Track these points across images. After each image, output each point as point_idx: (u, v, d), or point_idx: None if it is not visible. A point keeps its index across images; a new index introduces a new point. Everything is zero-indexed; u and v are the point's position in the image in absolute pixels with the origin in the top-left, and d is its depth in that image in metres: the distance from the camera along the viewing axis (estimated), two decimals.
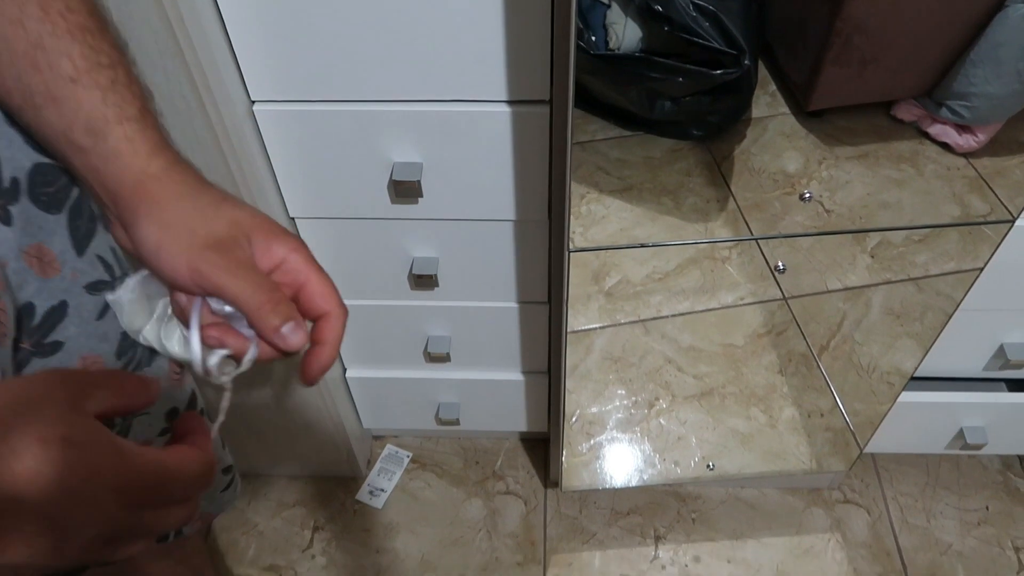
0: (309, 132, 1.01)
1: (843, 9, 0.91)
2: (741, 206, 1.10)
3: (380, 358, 1.39)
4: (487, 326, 1.29)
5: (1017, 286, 1.15)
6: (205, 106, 0.89)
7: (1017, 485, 1.58)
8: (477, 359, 1.37)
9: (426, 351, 1.34)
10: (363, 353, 1.38)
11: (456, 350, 1.34)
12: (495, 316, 1.27)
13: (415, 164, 1.04)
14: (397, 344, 1.34)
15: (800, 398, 1.45)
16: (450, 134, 1.00)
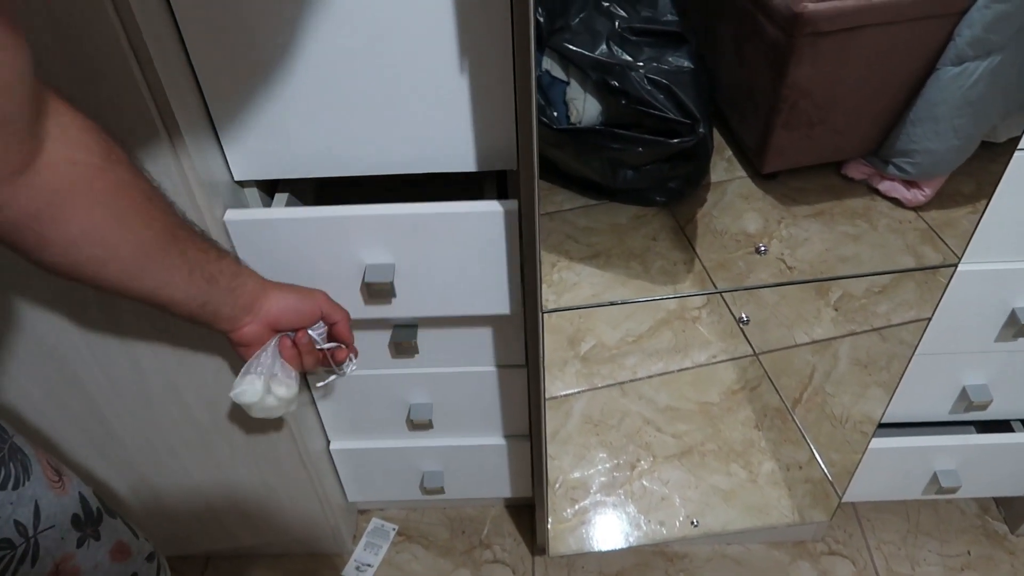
0: (279, 239, 1.04)
1: (787, 76, 0.96)
2: (707, 266, 1.14)
3: (363, 428, 1.40)
4: (467, 391, 1.32)
5: (969, 328, 1.19)
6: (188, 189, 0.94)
7: (996, 528, 1.60)
8: (459, 425, 1.39)
9: (408, 419, 1.36)
10: (346, 424, 1.40)
11: (438, 416, 1.36)
12: (475, 381, 1.30)
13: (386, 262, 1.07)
14: (380, 413, 1.36)
15: (778, 451, 1.47)
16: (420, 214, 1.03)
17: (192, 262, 0.82)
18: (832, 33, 0.97)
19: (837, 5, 0.95)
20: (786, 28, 0.96)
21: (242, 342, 0.93)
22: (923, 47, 0.95)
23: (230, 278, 0.87)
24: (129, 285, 0.78)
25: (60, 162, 0.66)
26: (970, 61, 0.94)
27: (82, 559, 0.81)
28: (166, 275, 0.80)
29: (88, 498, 0.83)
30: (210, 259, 0.85)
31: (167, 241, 0.79)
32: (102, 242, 0.73)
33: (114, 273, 0.76)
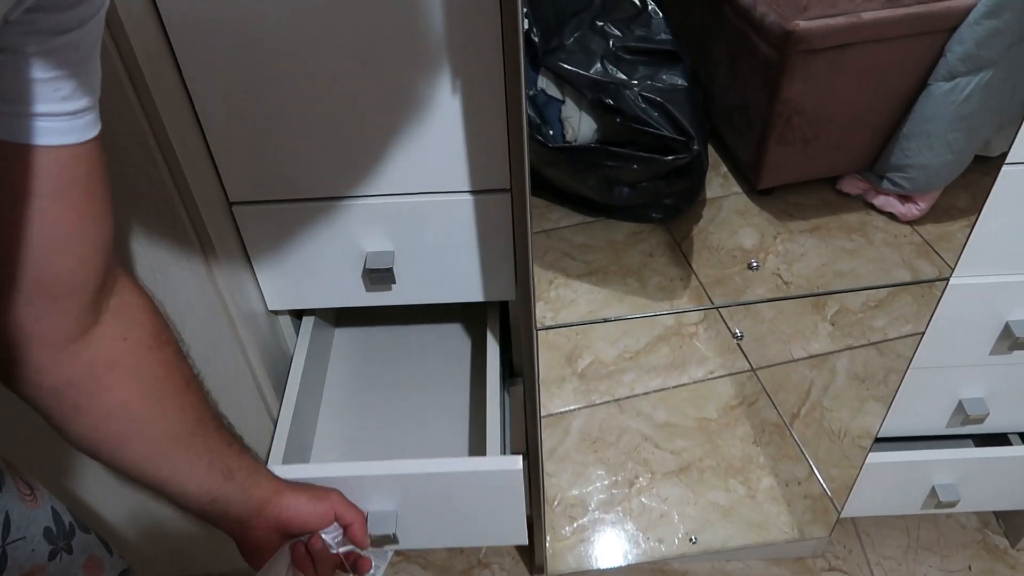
0: (285, 228, 1.05)
1: (781, 93, 0.97)
2: (704, 282, 1.15)
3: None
4: None
5: (964, 341, 1.19)
6: (186, 208, 0.94)
7: (996, 542, 1.60)
8: None
9: None
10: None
11: None
12: None
13: (387, 252, 1.08)
14: None
15: (776, 467, 1.47)
16: (420, 222, 1.06)
17: (213, 453, 0.80)
18: (824, 50, 0.98)
19: (829, 23, 0.96)
20: (779, 46, 0.97)
21: (251, 547, 0.87)
22: (915, 63, 0.96)
23: (246, 475, 0.84)
24: (145, 469, 0.76)
25: (112, 336, 0.67)
26: (962, 76, 0.95)
27: (54, 571, 0.78)
28: (185, 463, 0.78)
29: (61, 513, 0.81)
30: (232, 453, 0.82)
31: (195, 428, 0.78)
32: (132, 419, 0.72)
33: (135, 454, 0.74)
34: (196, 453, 0.78)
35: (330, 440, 1.22)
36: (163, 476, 0.77)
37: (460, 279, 1.13)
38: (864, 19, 0.96)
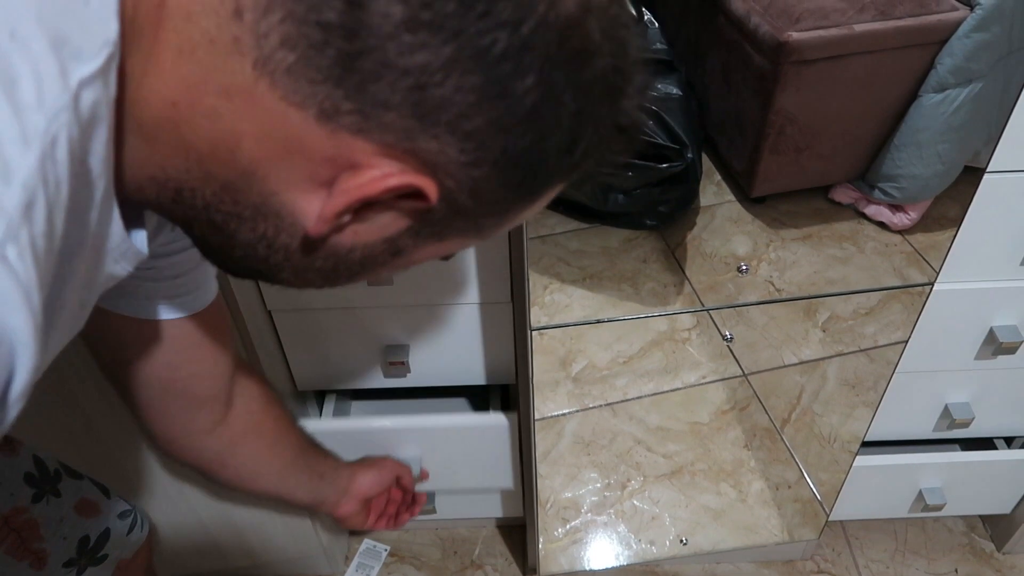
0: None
1: (774, 103, 0.99)
2: (696, 288, 1.16)
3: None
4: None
5: (949, 347, 1.21)
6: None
7: (983, 546, 1.61)
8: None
9: None
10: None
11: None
12: None
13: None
14: None
15: (767, 471, 1.49)
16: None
17: (311, 467, 1.04)
18: (817, 61, 0.99)
19: (821, 34, 0.97)
20: (772, 57, 0.98)
21: (342, 517, 1.13)
22: (906, 75, 0.98)
23: (333, 472, 1.09)
24: (270, 491, 0.99)
25: (241, 413, 0.88)
26: (952, 88, 0.96)
27: (40, 513, 0.88)
28: (296, 480, 1.02)
29: (45, 460, 0.91)
30: (320, 460, 1.06)
31: (299, 454, 1.01)
32: (261, 463, 0.96)
33: (264, 483, 0.98)
34: (302, 471, 1.02)
35: None
36: (282, 492, 1.01)
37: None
38: (856, 31, 0.97)
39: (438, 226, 0.49)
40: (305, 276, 0.52)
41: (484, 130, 0.43)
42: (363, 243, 0.50)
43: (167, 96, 0.41)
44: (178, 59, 0.41)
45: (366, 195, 0.44)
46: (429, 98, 0.41)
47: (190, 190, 0.45)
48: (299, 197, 0.45)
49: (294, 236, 0.48)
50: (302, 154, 0.43)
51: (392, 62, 0.41)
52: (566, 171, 0.49)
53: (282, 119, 0.42)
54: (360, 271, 0.52)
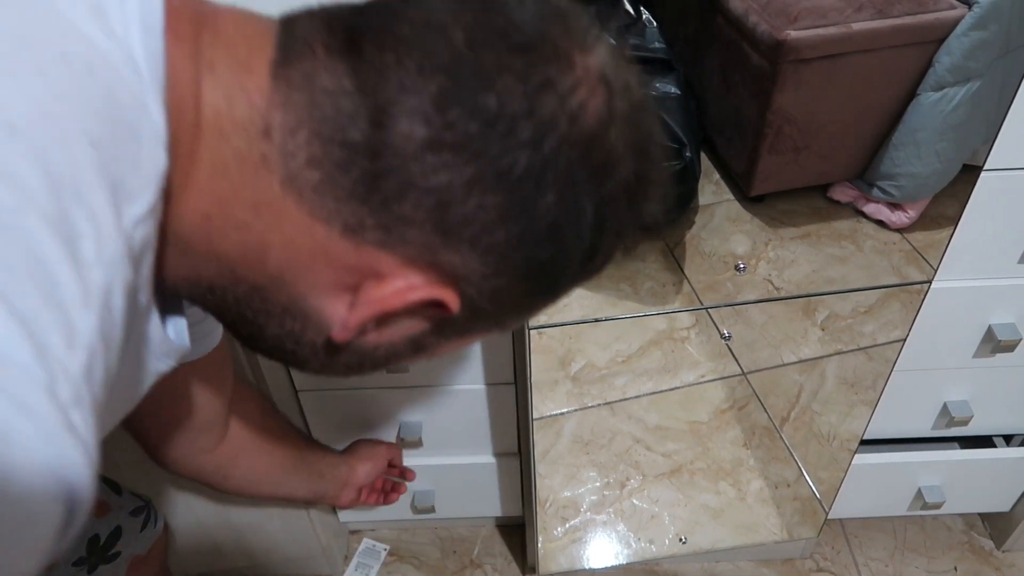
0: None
1: (772, 102, 0.99)
2: (695, 288, 1.16)
3: None
4: (457, 409, 1.32)
5: (948, 345, 1.21)
6: None
7: (982, 544, 1.62)
8: (449, 443, 1.39)
9: (399, 437, 1.36)
10: (337, 443, 1.40)
11: (428, 435, 1.36)
12: (464, 399, 1.31)
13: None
14: (370, 431, 1.37)
15: (766, 470, 1.49)
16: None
17: (310, 467, 1.10)
18: (815, 60, 0.99)
19: (819, 33, 0.97)
20: (770, 56, 0.98)
21: (343, 506, 1.23)
22: (904, 74, 0.98)
23: (332, 469, 1.16)
24: (272, 494, 1.07)
25: (239, 430, 0.93)
26: (950, 87, 0.96)
27: None
28: (297, 481, 1.09)
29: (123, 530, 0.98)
30: (318, 458, 1.13)
31: (298, 457, 1.07)
32: (261, 472, 1.01)
33: (265, 489, 1.04)
34: (301, 472, 1.08)
35: None
36: (284, 494, 1.08)
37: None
38: (854, 30, 0.97)
39: (460, 327, 0.51)
40: (331, 368, 0.54)
41: (506, 245, 0.45)
42: (387, 343, 0.51)
43: (201, 210, 0.43)
44: (212, 175, 0.42)
45: (389, 308, 0.46)
46: (451, 216, 0.43)
47: (221, 288, 0.47)
48: (325, 301, 0.47)
49: (320, 335, 0.49)
50: (328, 263, 0.45)
51: (415, 182, 0.42)
52: (588, 274, 0.51)
53: (309, 232, 0.44)
54: (384, 364, 0.54)
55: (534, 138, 0.42)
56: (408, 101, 0.41)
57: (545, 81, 0.42)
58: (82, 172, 0.34)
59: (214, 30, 0.43)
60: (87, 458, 0.33)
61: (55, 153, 0.33)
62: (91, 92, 0.36)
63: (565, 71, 0.43)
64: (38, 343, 0.31)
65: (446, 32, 0.42)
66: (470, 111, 0.41)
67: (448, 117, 0.41)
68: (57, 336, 0.32)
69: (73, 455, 0.32)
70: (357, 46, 0.43)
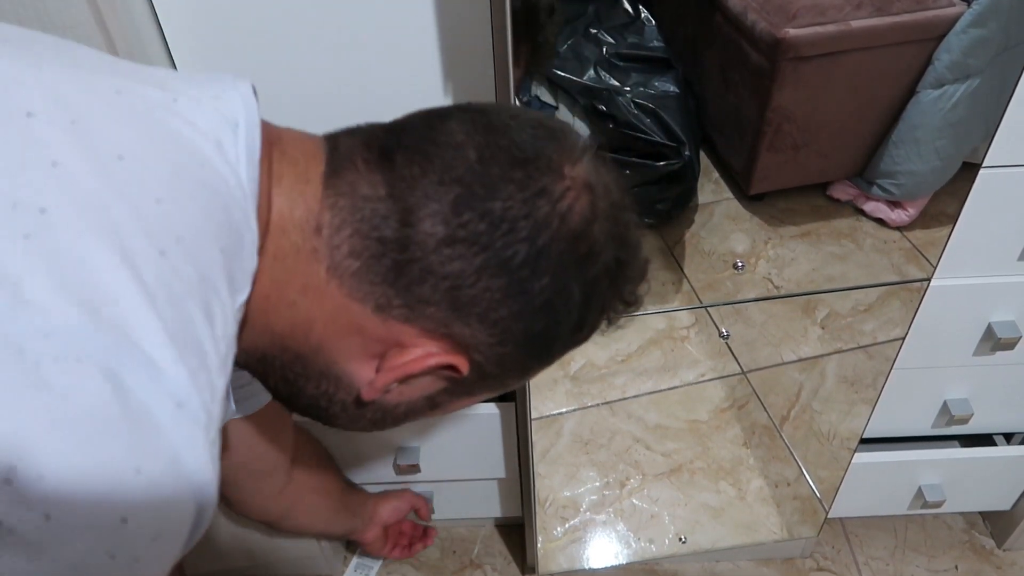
0: None
1: (771, 100, 0.99)
2: (695, 287, 1.16)
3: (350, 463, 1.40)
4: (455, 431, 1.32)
5: (947, 343, 1.20)
6: None
7: (983, 543, 1.61)
8: (448, 466, 1.38)
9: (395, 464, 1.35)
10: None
11: (425, 459, 1.35)
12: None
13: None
14: (367, 455, 1.36)
15: (766, 469, 1.49)
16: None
17: (348, 507, 1.23)
18: (814, 58, 0.99)
19: (818, 31, 0.97)
20: (769, 53, 0.98)
21: (366, 542, 1.33)
22: (903, 71, 0.98)
23: (363, 507, 1.27)
24: (320, 533, 1.24)
25: (301, 475, 1.06)
26: (949, 84, 0.96)
27: None
28: (340, 521, 1.23)
29: None
30: (353, 498, 1.25)
31: (341, 499, 1.20)
32: (317, 513, 1.16)
33: (317, 527, 1.20)
34: (343, 512, 1.22)
35: None
36: (328, 532, 1.26)
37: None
38: (853, 27, 0.97)
39: (469, 386, 0.60)
40: (358, 423, 0.63)
41: (508, 319, 0.54)
42: (407, 400, 0.60)
43: (263, 292, 0.53)
44: (272, 264, 0.52)
45: (410, 372, 0.55)
46: (463, 296, 0.53)
47: (271, 357, 0.57)
48: (356, 367, 0.57)
49: (350, 394, 0.59)
50: (360, 336, 0.55)
51: (434, 269, 0.52)
52: (578, 341, 0.61)
53: (346, 310, 0.54)
54: (404, 419, 0.64)
55: (531, 235, 0.52)
56: (430, 206, 0.51)
57: (541, 189, 0.52)
58: (216, 271, 0.46)
59: (281, 149, 0.54)
60: (216, 481, 0.44)
61: (202, 256, 0.45)
62: (219, 210, 0.47)
63: (557, 180, 0.53)
64: (201, 395, 0.42)
65: (462, 151, 0.52)
66: (480, 214, 0.51)
67: (462, 219, 0.51)
68: (208, 392, 0.43)
69: (212, 477, 0.43)
70: (390, 160, 0.53)
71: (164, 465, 0.40)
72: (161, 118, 0.47)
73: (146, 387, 0.39)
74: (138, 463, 0.39)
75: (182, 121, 0.48)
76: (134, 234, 0.42)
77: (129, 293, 0.40)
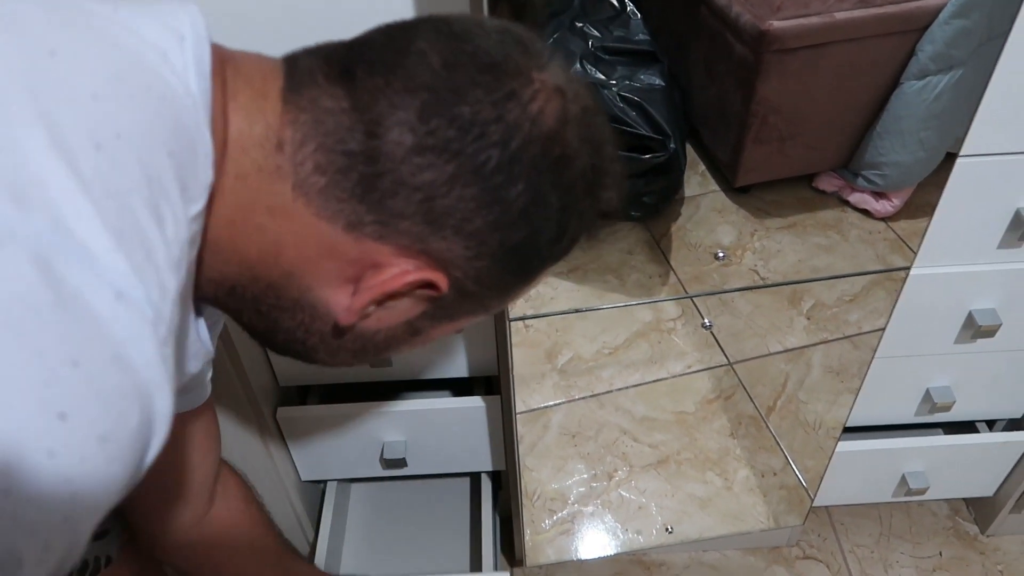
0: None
1: (756, 93, 0.99)
2: (682, 279, 1.16)
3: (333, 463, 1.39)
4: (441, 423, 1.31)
5: (929, 331, 1.21)
6: None
7: (967, 529, 1.63)
8: (434, 457, 1.38)
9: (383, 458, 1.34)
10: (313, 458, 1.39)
11: (412, 453, 1.35)
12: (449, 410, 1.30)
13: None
14: (354, 446, 1.36)
15: (753, 459, 1.50)
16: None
17: (287, 569, 1.06)
18: (798, 50, 0.99)
19: (802, 23, 0.97)
20: (753, 46, 0.98)
21: None
22: (887, 62, 0.98)
23: None
24: None
25: (222, 511, 0.91)
26: (932, 75, 0.97)
27: None
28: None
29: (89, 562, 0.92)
30: (297, 563, 1.09)
31: (278, 557, 1.03)
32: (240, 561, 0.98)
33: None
34: (278, 572, 1.05)
35: None
36: None
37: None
38: (837, 19, 0.97)
39: (449, 308, 0.58)
40: (338, 356, 0.61)
41: (484, 230, 0.52)
42: (386, 327, 0.59)
43: (227, 216, 0.51)
44: (235, 185, 0.50)
45: (388, 290, 0.53)
46: (436, 208, 0.51)
47: (241, 287, 0.55)
48: (331, 292, 0.55)
49: (327, 323, 0.57)
50: (333, 258, 0.53)
51: (405, 181, 0.50)
52: (558, 255, 0.59)
53: (316, 230, 0.52)
54: (384, 349, 0.61)
55: (503, 139, 0.50)
56: (397, 115, 0.49)
57: (509, 92, 0.51)
58: (165, 174, 0.44)
59: (235, 66, 0.52)
60: (170, 388, 0.42)
61: (148, 157, 0.43)
62: (166, 116, 0.45)
63: (525, 84, 0.51)
64: (147, 288, 0.40)
65: (426, 58, 0.51)
66: (449, 120, 0.49)
67: (431, 126, 0.49)
68: (156, 288, 0.41)
69: (162, 382, 0.41)
70: (351, 74, 0.51)
71: (105, 360, 0.38)
72: (101, 26, 0.45)
73: (79, 274, 0.37)
74: (74, 355, 0.36)
75: (124, 30, 0.45)
76: (67, 124, 0.39)
77: (59, 177, 0.38)
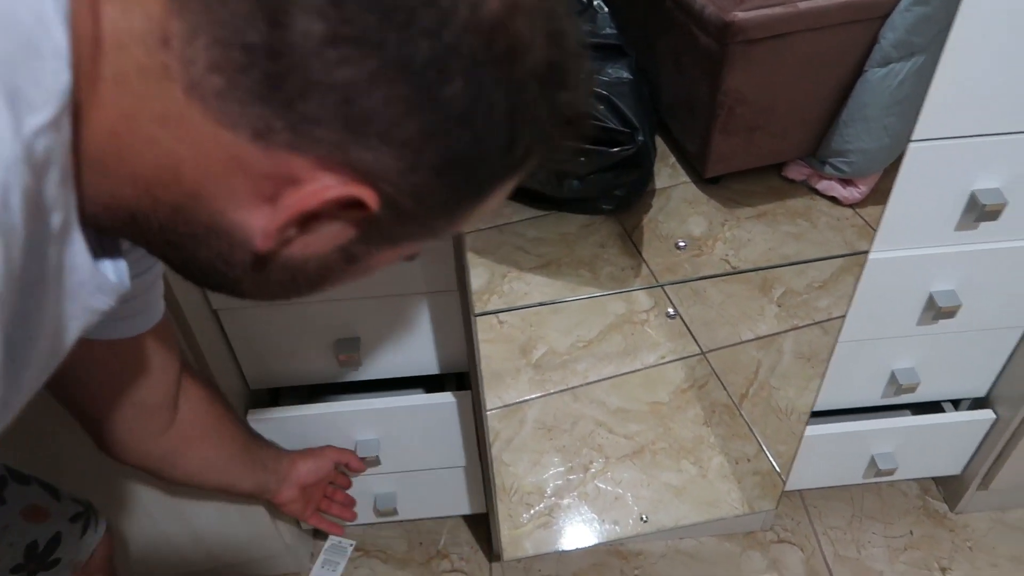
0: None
1: (722, 84, 1.00)
2: (654, 271, 1.17)
3: None
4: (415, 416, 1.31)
5: (892, 314, 1.23)
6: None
7: (936, 508, 1.66)
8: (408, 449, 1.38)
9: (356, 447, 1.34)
10: None
11: (385, 451, 1.34)
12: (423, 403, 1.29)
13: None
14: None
15: (726, 446, 1.51)
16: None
17: (254, 458, 1.11)
18: (763, 40, 1.00)
19: (766, 13, 0.98)
20: (718, 37, 0.99)
21: (281, 503, 1.20)
22: (850, 51, 0.99)
23: (275, 461, 1.16)
24: (217, 484, 1.07)
25: (187, 416, 0.92)
26: (895, 62, 0.98)
27: None
28: (242, 472, 1.10)
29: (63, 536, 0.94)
30: (262, 450, 1.14)
31: (243, 446, 1.08)
32: (209, 461, 1.01)
33: (212, 478, 1.04)
34: (246, 463, 1.09)
35: None
36: (228, 484, 1.09)
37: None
38: (800, 8, 0.98)
39: (387, 231, 0.50)
40: (265, 289, 0.53)
41: (417, 137, 0.44)
42: (315, 254, 0.50)
43: (108, 127, 0.43)
44: (115, 90, 0.42)
45: (306, 208, 0.45)
46: (358, 111, 0.43)
47: (143, 215, 0.47)
48: (246, 214, 0.46)
49: (247, 252, 0.49)
50: (242, 173, 0.45)
51: (317, 79, 0.42)
52: (511, 168, 0.50)
53: (218, 140, 0.43)
54: (320, 281, 0.54)
55: (433, 27, 0.42)
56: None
57: None
58: None
59: None
60: None
61: None
62: None
63: None
64: None
65: None
66: (367, 3, 0.41)
67: (345, 11, 0.41)
68: None
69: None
70: None
71: None
72: None
73: None
74: None
75: None
76: None
77: None
